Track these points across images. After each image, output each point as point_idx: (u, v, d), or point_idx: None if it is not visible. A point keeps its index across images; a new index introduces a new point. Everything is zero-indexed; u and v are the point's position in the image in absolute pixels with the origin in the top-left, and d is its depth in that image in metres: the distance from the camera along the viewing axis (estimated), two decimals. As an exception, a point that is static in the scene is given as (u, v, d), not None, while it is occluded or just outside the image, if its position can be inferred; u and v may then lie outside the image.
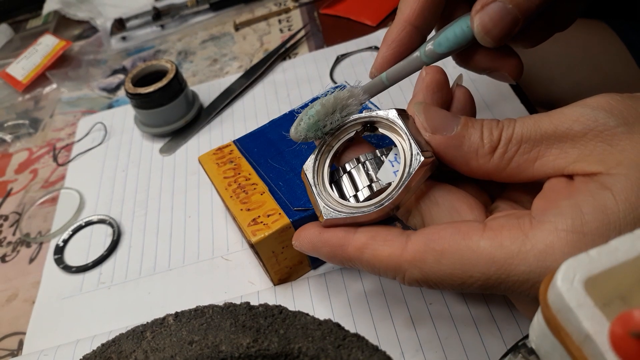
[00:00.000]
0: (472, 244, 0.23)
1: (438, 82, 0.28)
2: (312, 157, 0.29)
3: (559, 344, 0.17)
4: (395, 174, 0.27)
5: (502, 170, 0.25)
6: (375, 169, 0.27)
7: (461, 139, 0.25)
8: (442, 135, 0.25)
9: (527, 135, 0.24)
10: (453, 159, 0.25)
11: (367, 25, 0.57)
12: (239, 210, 0.34)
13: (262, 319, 0.28)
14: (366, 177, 0.27)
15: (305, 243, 0.28)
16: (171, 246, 0.41)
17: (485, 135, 0.25)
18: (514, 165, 0.24)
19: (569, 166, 0.23)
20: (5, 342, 0.39)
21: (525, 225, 0.23)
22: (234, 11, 0.66)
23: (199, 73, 0.59)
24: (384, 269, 0.25)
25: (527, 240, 0.22)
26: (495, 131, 0.25)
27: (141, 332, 0.29)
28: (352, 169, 0.28)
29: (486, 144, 0.24)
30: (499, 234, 0.23)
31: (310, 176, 0.29)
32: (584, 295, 0.16)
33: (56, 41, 0.66)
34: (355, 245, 0.26)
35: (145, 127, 0.50)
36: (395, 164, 0.27)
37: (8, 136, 0.58)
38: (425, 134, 0.26)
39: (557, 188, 0.24)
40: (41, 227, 0.46)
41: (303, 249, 0.28)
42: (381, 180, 0.27)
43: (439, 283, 0.24)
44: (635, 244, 0.17)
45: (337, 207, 0.27)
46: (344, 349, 0.26)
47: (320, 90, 0.50)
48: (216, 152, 0.38)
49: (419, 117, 0.26)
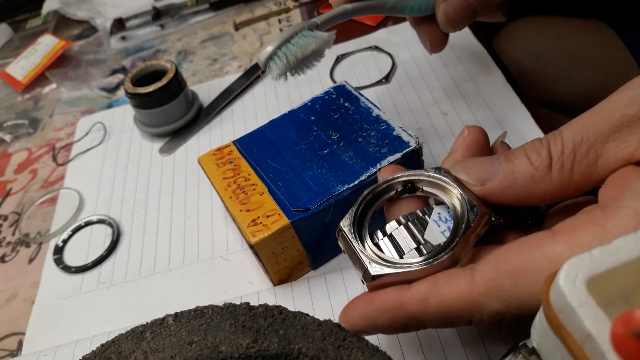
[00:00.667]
0: (547, 253, 0.21)
1: (479, 143, 0.28)
2: (349, 216, 0.27)
3: (560, 343, 0.17)
4: (442, 234, 0.25)
5: (568, 185, 0.23)
6: (420, 230, 0.26)
7: (512, 176, 0.24)
8: (493, 182, 0.24)
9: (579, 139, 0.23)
10: (516, 198, 0.24)
11: (367, 25, 0.57)
12: (239, 210, 0.34)
13: (262, 319, 0.28)
14: (412, 239, 0.26)
15: (356, 319, 0.25)
16: (171, 246, 0.41)
17: (533, 159, 0.23)
18: (577, 174, 0.23)
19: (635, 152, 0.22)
20: (4, 342, 0.39)
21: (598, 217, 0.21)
22: (233, 11, 0.66)
23: (198, 73, 0.59)
24: (456, 313, 0.22)
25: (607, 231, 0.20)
26: (543, 150, 0.23)
27: (141, 332, 0.29)
28: (393, 231, 0.26)
29: (539, 167, 0.23)
30: (573, 235, 0.21)
31: (348, 233, 0.27)
32: (586, 295, 0.16)
33: (56, 41, 0.66)
34: (417, 297, 0.23)
35: (144, 127, 0.50)
36: (441, 223, 0.26)
37: (7, 136, 0.58)
38: (476, 189, 0.25)
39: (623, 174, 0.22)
40: (41, 227, 0.46)
41: (355, 327, 0.25)
42: (429, 241, 0.25)
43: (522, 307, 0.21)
44: (638, 244, 0.17)
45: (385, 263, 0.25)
46: (344, 350, 0.26)
47: (320, 90, 0.50)
48: (216, 152, 0.38)
49: (461, 176, 0.25)
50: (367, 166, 0.34)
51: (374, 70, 0.51)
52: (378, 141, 0.35)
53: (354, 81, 0.50)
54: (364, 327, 0.25)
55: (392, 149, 0.34)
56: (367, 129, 0.36)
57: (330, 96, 0.39)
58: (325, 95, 0.39)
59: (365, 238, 0.27)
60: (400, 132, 0.35)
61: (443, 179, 0.26)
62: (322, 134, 0.37)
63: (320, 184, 0.33)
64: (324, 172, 0.34)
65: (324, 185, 0.33)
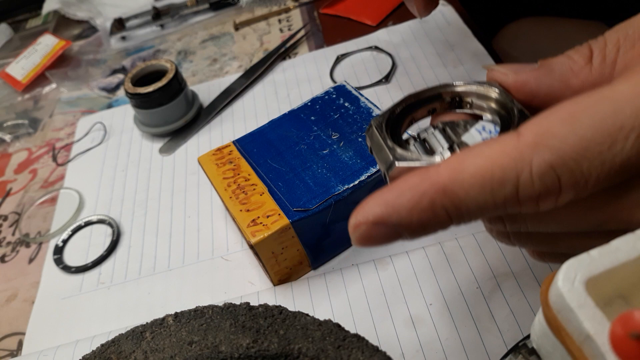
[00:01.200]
0: (607, 93, 0.18)
1: None
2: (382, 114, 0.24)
3: (559, 344, 0.17)
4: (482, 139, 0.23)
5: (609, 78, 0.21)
6: (458, 134, 0.23)
7: (550, 65, 0.22)
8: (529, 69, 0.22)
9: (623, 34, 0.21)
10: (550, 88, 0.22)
11: (367, 25, 0.57)
12: (239, 211, 0.34)
13: (262, 319, 0.28)
14: (445, 140, 0.23)
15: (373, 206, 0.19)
16: (171, 246, 0.41)
17: (571, 54, 0.22)
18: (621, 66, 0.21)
19: None
20: (4, 342, 0.39)
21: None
22: (233, 11, 0.66)
23: (198, 73, 0.59)
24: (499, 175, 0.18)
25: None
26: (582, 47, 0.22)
27: (141, 332, 0.29)
28: (426, 135, 0.23)
29: (578, 59, 0.21)
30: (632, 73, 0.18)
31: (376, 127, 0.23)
32: (584, 296, 0.16)
33: (56, 41, 0.66)
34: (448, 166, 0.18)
35: (144, 127, 0.50)
36: (484, 133, 0.23)
37: (7, 136, 0.58)
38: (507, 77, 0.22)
39: None
40: (40, 227, 0.46)
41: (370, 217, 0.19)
42: (466, 142, 0.22)
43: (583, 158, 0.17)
44: (636, 244, 0.17)
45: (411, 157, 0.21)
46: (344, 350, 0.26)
47: (320, 90, 0.50)
48: (215, 152, 0.38)
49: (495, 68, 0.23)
50: (367, 166, 0.34)
51: (374, 70, 0.51)
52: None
53: (354, 81, 0.50)
54: (381, 216, 0.19)
55: (392, 149, 0.34)
56: (367, 129, 0.36)
57: (330, 96, 0.39)
58: (325, 95, 0.39)
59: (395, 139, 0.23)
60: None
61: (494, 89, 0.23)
62: (322, 134, 0.37)
63: (320, 184, 0.34)
64: (324, 172, 0.34)
65: (324, 185, 0.33)
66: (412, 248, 0.35)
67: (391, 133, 0.23)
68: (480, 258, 0.33)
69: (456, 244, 0.34)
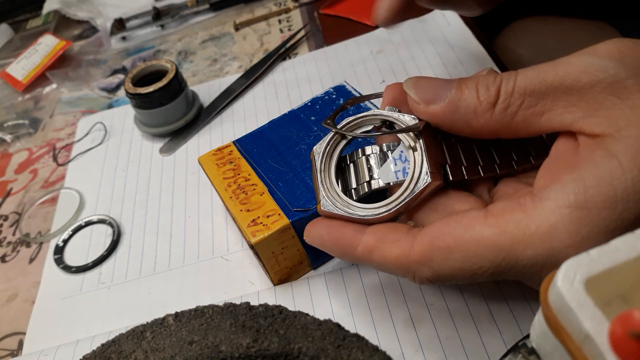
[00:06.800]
0: (476, 235, 0.22)
1: None
2: (324, 141, 0.29)
3: (559, 343, 0.18)
4: (396, 174, 0.27)
5: (506, 126, 0.23)
6: (377, 165, 0.27)
7: (456, 104, 0.24)
8: (437, 105, 0.25)
9: (531, 87, 0.23)
10: (453, 125, 0.25)
11: (367, 25, 0.57)
12: (239, 211, 0.34)
13: (262, 319, 0.28)
14: (367, 172, 0.28)
15: (315, 239, 0.28)
16: (171, 246, 0.41)
17: (481, 93, 0.24)
18: (520, 119, 0.23)
19: (576, 122, 0.22)
20: (5, 342, 0.39)
21: (527, 205, 0.22)
22: (234, 11, 0.66)
23: (199, 73, 0.59)
24: (394, 269, 0.25)
25: (531, 221, 0.21)
26: (493, 87, 0.23)
27: (141, 332, 0.29)
28: (357, 159, 0.28)
29: (483, 102, 0.23)
30: (501, 220, 0.22)
31: (318, 160, 0.29)
32: (584, 295, 0.16)
33: (56, 41, 0.66)
34: (364, 246, 0.26)
35: (145, 127, 0.50)
36: (399, 163, 0.27)
37: (8, 136, 0.58)
38: (419, 108, 0.25)
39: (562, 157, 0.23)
40: (41, 227, 0.46)
41: (313, 243, 0.28)
42: (380, 179, 0.27)
43: (450, 278, 0.24)
44: (635, 244, 0.17)
45: (337, 201, 0.27)
46: (344, 349, 0.26)
47: (320, 90, 0.50)
48: (216, 152, 0.38)
49: (409, 93, 0.26)
50: (367, 166, 0.34)
51: (374, 70, 0.51)
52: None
53: (354, 81, 0.50)
54: (319, 246, 0.28)
55: (392, 149, 0.34)
56: (367, 129, 0.36)
57: (330, 96, 0.39)
58: (325, 95, 0.40)
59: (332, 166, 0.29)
60: (400, 132, 0.35)
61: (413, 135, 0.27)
62: (322, 134, 0.37)
63: (320, 184, 0.34)
64: (324, 173, 0.34)
65: (324, 186, 0.33)
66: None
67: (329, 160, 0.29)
68: (480, 258, 0.33)
69: (456, 244, 0.34)
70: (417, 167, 0.26)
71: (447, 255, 0.23)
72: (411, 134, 0.27)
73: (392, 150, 0.27)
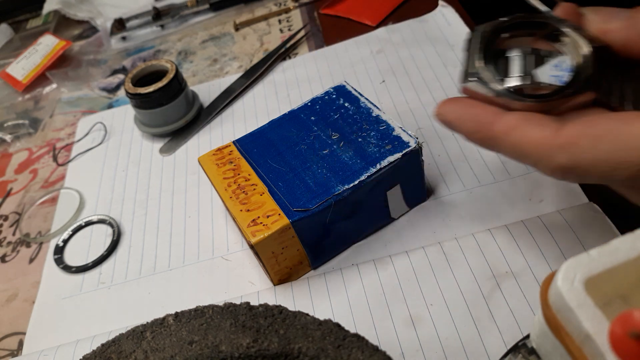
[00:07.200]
0: (632, 129, 0.22)
1: None
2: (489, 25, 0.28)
3: (559, 343, 0.18)
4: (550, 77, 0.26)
5: None
6: (532, 65, 0.26)
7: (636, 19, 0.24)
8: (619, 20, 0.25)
9: None
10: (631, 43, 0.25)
11: (367, 25, 0.57)
12: (239, 210, 0.34)
13: (262, 319, 0.28)
14: (521, 68, 0.26)
15: (449, 113, 0.27)
16: (171, 246, 0.41)
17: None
18: None
19: None
20: (5, 342, 0.39)
21: None
22: (234, 11, 0.66)
23: (199, 73, 0.59)
24: (529, 152, 0.24)
25: None
26: None
27: (141, 332, 0.29)
28: (511, 55, 0.27)
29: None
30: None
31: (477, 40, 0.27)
32: (584, 296, 0.16)
33: (56, 41, 0.66)
34: (506, 123, 0.24)
35: (145, 127, 0.50)
36: (556, 70, 0.26)
37: (8, 136, 0.58)
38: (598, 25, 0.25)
39: None
40: (41, 227, 0.46)
41: (445, 118, 0.27)
42: (534, 75, 0.26)
43: (588, 169, 0.23)
44: (635, 244, 0.17)
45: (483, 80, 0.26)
46: (344, 349, 0.26)
47: (320, 90, 0.50)
48: (216, 152, 0.38)
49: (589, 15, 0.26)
50: (367, 166, 0.34)
51: (374, 70, 0.51)
52: (378, 141, 0.35)
53: (354, 81, 0.50)
54: (450, 122, 0.27)
55: (392, 149, 0.34)
56: (367, 129, 0.36)
57: (330, 96, 0.39)
58: (325, 95, 0.40)
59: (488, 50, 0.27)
60: (400, 132, 0.35)
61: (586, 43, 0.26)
62: (322, 134, 0.37)
63: (320, 184, 0.34)
64: (324, 172, 0.34)
65: (324, 185, 0.33)
66: (411, 248, 0.35)
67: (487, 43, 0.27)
68: (480, 258, 0.33)
69: (456, 244, 0.34)
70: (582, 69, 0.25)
71: (595, 144, 0.22)
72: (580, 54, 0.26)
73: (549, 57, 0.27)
